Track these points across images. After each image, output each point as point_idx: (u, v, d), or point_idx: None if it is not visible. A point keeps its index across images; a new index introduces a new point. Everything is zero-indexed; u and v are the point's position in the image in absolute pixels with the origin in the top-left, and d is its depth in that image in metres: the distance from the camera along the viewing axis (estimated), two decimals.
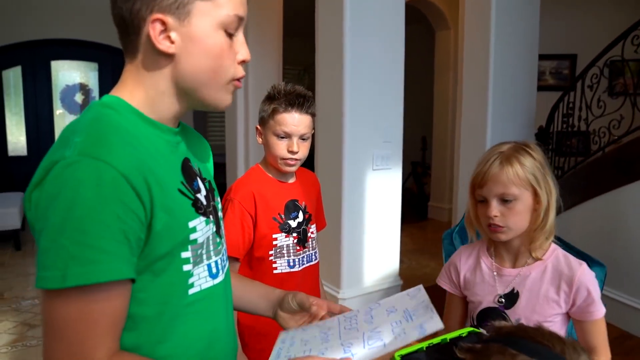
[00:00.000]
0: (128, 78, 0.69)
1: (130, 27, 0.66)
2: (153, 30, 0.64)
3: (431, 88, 5.75)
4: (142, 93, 0.68)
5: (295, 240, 1.36)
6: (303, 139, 1.31)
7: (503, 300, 1.06)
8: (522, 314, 1.03)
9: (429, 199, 5.85)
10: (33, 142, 5.87)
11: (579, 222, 3.24)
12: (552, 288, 1.02)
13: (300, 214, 1.38)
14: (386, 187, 3.03)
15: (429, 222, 5.55)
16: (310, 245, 1.41)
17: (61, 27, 5.73)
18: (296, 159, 1.31)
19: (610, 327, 2.92)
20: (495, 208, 1.01)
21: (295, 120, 1.28)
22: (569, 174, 3.48)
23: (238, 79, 0.71)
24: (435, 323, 0.70)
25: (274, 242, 1.33)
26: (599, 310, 1.00)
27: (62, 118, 6.06)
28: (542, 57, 5.08)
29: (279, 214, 1.34)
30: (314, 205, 1.46)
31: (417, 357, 0.70)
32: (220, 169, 4.41)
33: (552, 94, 4.23)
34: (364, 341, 0.71)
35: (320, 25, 2.98)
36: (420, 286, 0.84)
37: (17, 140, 5.86)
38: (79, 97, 6.15)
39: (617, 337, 2.76)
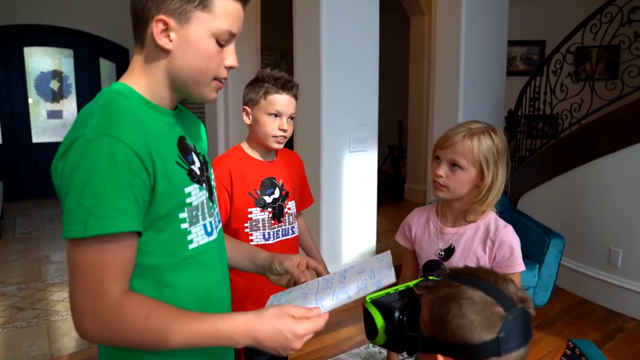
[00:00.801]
0: (135, 67, 0.81)
1: (140, 21, 0.77)
2: (156, 28, 0.75)
3: (407, 73, 5.89)
4: (145, 81, 0.80)
5: (270, 215, 1.46)
6: (291, 119, 1.45)
7: (442, 253, 1.22)
8: (455, 265, 1.17)
9: (405, 181, 6.04)
10: (8, 129, 5.77)
11: (545, 199, 3.46)
12: (481, 245, 1.18)
13: (277, 191, 1.48)
14: (363, 168, 3.17)
15: (405, 204, 5.74)
16: (287, 220, 1.51)
17: (34, 12, 5.62)
18: (285, 137, 1.44)
19: (569, 294, 3.17)
20: (442, 169, 1.17)
21: (285, 101, 1.41)
22: (536, 154, 3.68)
23: (220, 80, 0.83)
24: (390, 278, 0.86)
25: (249, 216, 1.43)
26: (515, 267, 1.15)
27: (37, 105, 5.97)
28: (512, 43, 5.27)
29: (254, 189, 1.44)
30: (295, 184, 1.57)
31: (385, 299, 0.84)
32: None
33: (522, 79, 4.40)
34: (333, 295, 0.87)
35: (298, 11, 3.07)
36: (389, 251, 1.01)
37: None
38: (54, 84, 6.06)
39: (575, 304, 3.01)
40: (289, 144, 1.66)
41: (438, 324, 0.69)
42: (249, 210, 1.43)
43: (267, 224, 1.46)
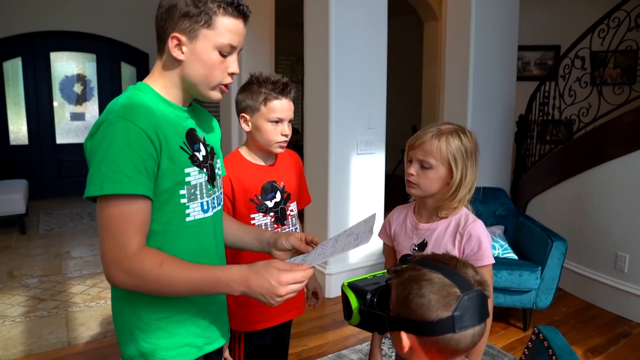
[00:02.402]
0: (155, 71, 1.00)
1: (161, 37, 0.96)
2: (171, 43, 0.94)
3: (421, 78, 5.93)
4: (162, 83, 0.99)
5: (273, 219, 1.46)
6: (290, 122, 1.45)
7: (416, 248, 1.27)
8: None
9: None
10: (34, 131, 6.03)
11: (553, 203, 3.47)
12: (451, 239, 1.22)
13: (278, 194, 1.48)
14: (370, 170, 3.23)
15: None
16: (290, 222, 1.51)
17: (60, 19, 5.87)
18: (286, 141, 1.45)
19: (575, 299, 3.17)
20: (413, 168, 1.22)
21: (285, 107, 1.40)
22: (544, 158, 3.69)
23: (225, 85, 0.99)
24: (365, 238, 0.96)
25: (252, 222, 1.43)
26: (484, 260, 1.18)
27: (61, 108, 6.21)
28: (527, 48, 5.27)
29: (255, 195, 1.43)
30: (295, 184, 1.57)
31: (360, 283, 0.92)
32: None
33: (537, 84, 4.42)
34: (322, 256, 0.99)
35: (308, 16, 3.16)
36: (374, 214, 1.10)
37: (19, 130, 6.02)
38: (77, 88, 6.30)
39: (581, 308, 3.01)
40: (298, 146, 1.70)
41: (402, 304, 0.76)
42: (252, 216, 1.44)
43: (270, 228, 1.46)
